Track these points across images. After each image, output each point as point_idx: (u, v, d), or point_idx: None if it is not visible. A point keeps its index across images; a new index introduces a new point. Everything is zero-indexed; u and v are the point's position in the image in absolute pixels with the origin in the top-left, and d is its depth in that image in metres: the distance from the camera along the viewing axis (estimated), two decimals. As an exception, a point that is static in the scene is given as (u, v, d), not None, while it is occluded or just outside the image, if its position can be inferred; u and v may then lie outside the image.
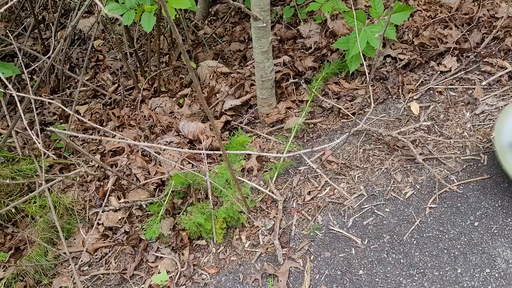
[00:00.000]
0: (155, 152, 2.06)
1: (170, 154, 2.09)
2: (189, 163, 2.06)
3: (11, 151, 2.08)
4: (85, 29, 2.86)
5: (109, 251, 1.90)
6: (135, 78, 2.41)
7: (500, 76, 2.07)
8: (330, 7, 2.07)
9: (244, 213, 1.86)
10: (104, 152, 2.19)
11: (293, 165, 2.02)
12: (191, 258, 1.82)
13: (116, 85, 2.52)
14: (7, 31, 2.72)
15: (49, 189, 1.73)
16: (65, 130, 2.23)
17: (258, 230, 1.85)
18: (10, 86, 1.30)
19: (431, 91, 2.12)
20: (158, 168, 2.06)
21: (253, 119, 2.23)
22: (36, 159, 1.88)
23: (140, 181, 2.00)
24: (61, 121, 2.42)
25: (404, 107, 2.09)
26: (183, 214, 1.88)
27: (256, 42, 1.85)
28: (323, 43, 2.41)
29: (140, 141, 2.20)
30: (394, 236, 1.74)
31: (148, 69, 2.43)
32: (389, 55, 2.27)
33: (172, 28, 0.96)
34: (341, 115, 2.15)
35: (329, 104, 2.17)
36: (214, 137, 2.10)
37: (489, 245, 1.66)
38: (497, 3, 2.33)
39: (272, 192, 1.92)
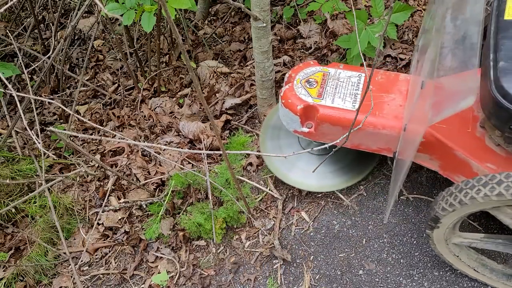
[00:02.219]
0: (155, 152, 2.06)
1: (170, 154, 2.09)
2: (189, 163, 2.06)
3: (11, 151, 2.08)
4: (85, 29, 2.85)
5: (109, 251, 1.90)
6: (135, 78, 2.41)
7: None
8: (330, 7, 2.07)
9: (244, 213, 1.86)
10: (104, 152, 2.19)
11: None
12: (191, 258, 1.82)
13: (116, 85, 2.52)
14: (7, 31, 2.71)
15: (49, 189, 1.74)
16: (65, 130, 2.23)
17: (258, 230, 1.85)
18: (10, 86, 1.30)
19: (431, 91, 2.12)
20: (158, 168, 2.06)
21: (253, 119, 2.23)
22: (36, 159, 1.88)
23: (140, 181, 2.00)
24: (61, 121, 2.42)
25: (404, 107, 2.09)
26: (183, 214, 1.88)
27: (256, 42, 1.85)
28: (323, 43, 2.41)
29: (140, 141, 2.20)
30: (394, 236, 1.74)
31: (148, 69, 2.43)
32: (389, 55, 2.27)
33: (172, 28, 0.96)
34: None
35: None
36: (214, 136, 2.10)
37: (489, 245, 1.66)
38: (497, 3, 2.33)
39: (272, 192, 1.92)
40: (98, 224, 1.94)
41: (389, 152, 1.63)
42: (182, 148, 2.11)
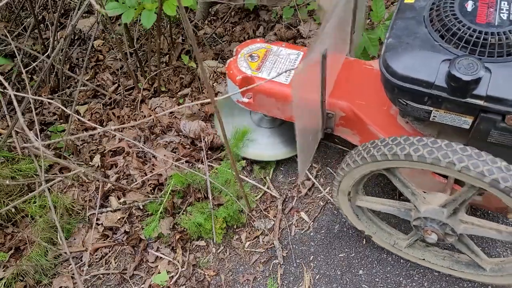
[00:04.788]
0: (153, 152, 2.06)
1: (164, 155, 2.09)
2: (187, 162, 2.06)
3: (11, 151, 2.07)
4: (85, 29, 2.85)
5: (109, 251, 1.89)
6: (135, 78, 2.40)
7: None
8: (330, 7, 2.07)
9: (244, 213, 1.86)
10: (104, 152, 2.19)
11: (293, 165, 2.02)
12: (191, 258, 1.82)
13: (116, 85, 2.52)
14: (6, 31, 2.71)
15: (49, 189, 1.73)
16: (64, 130, 2.23)
17: (258, 230, 1.85)
18: (8, 86, 1.30)
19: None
20: (154, 168, 2.06)
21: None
22: (35, 159, 1.88)
23: (138, 182, 2.00)
24: (61, 121, 2.42)
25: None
26: (182, 213, 1.88)
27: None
28: (323, 43, 2.41)
29: (139, 142, 2.20)
30: (394, 236, 1.74)
31: (148, 69, 2.43)
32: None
33: (183, 18, 0.96)
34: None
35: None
36: (215, 134, 2.11)
37: (489, 245, 1.66)
38: (497, 3, 2.33)
39: (270, 190, 1.92)
40: (98, 224, 1.94)
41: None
42: (181, 148, 2.12)
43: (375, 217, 1.63)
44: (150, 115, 2.29)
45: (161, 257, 1.83)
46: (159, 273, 1.79)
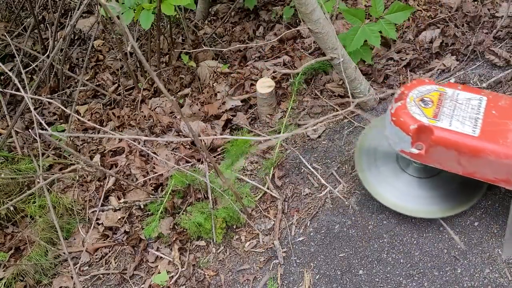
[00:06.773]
0: (153, 153, 2.06)
1: (166, 155, 2.09)
2: (188, 162, 2.06)
3: (11, 151, 2.08)
4: (85, 29, 2.86)
5: (109, 251, 1.90)
6: (135, 78, 2.40)
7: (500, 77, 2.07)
8: (331, 7, 2.07)
9: (243, 213, 1.86)
10: (104, 152, 2.19)
11: (293, 166, 2.01)
12: (191, 258, 1.82)
13: (116, 85, 2.52)
14: (4, 32, 2.72)
15: (48, 189, 1.73)
16: (65, 130, 2.23)
17: (258, 230, 1.85)
18: (17, 80, 1.30)
19: (431, 91, 2.12)
20: (155, 167, 2.06)
21: (253, 119, 2.23)
22: (35, 159, 1.89)
23: (139, 182, 2.00)
24: (61, 121, 2.42)
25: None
26: (183, 213, 1.88)
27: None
28: (323, 43, 2.41)
29: (139, 142, 2.20)
30: (394, 236, 1.74)
31: (148, 69, 2.43)
32: (391, 58, 2.26)
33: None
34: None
35: (325, 103, 2.16)
36: (215, 135, 2.11)
37: (489, 245, 1.66)
38: (497, 3, 2.33)
39: (271, 191, 1.92)
40: (98, 224, 1.94)
41: (508, 184, 1.53)
42: (181, 148, 2.12)
43: None
44: (151, 115, 2.29)
45: (161, 257, 1.83)
46: (159, 273, 1.79)
